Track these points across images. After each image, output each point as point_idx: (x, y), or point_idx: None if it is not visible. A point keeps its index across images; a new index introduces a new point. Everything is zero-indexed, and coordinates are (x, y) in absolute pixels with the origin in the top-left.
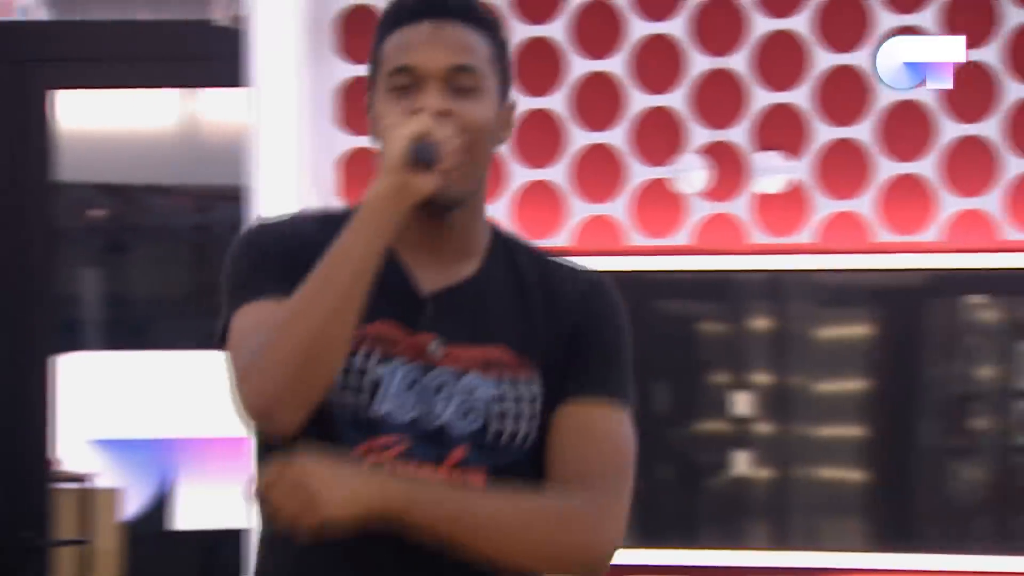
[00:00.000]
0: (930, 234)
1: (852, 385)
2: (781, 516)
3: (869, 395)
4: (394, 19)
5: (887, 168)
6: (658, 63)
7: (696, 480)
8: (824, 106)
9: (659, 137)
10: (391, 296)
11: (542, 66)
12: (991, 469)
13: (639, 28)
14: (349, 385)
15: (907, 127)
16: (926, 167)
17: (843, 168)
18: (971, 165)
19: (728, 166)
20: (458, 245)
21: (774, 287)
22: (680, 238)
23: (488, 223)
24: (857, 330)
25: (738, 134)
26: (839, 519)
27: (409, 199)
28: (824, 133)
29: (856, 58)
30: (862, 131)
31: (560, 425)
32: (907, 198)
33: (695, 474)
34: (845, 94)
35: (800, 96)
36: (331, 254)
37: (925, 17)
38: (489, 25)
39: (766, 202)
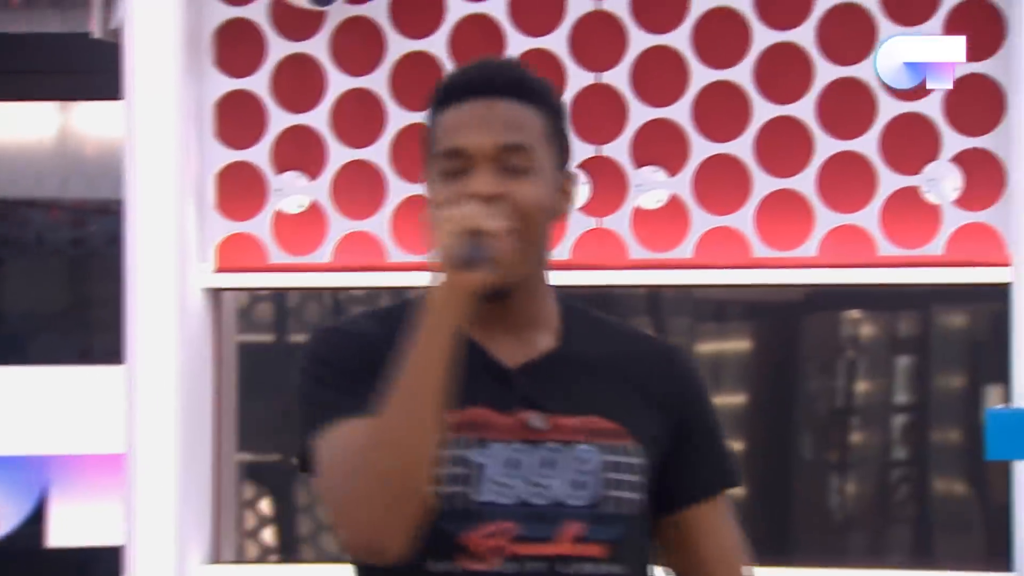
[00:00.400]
0: (808, 249)
1: (731, 399)
2: None
3: (748, 409)
4: (444, 98)
5: (765, 183)
6: None
7: None
8: (702, 121)
9: None
10: (477, 378)
11: (423, 79)
12: (869, 483)
13: (517, 42)
14: (448, 478)
15: (785, 142)
16: (803, 182)
17: (722, 183)
18: (848, 181)
19: (607, 181)
20: (527, 319)
21: (654, 302)
22: (559, 253)
23: (552, 293)
24: (736, 345)
25: (617, 149)
26: None
27: (467, 295)
28: (703, 148)
29: (734, 73)
30: (740, 146)
31: (700, 527)
32: (785, 213)
33: None
34: (723, 109)
35: (679, 111)
36: (406, 367)
37: (806, 32)
38: (542, 97)
39: (645, 217)
